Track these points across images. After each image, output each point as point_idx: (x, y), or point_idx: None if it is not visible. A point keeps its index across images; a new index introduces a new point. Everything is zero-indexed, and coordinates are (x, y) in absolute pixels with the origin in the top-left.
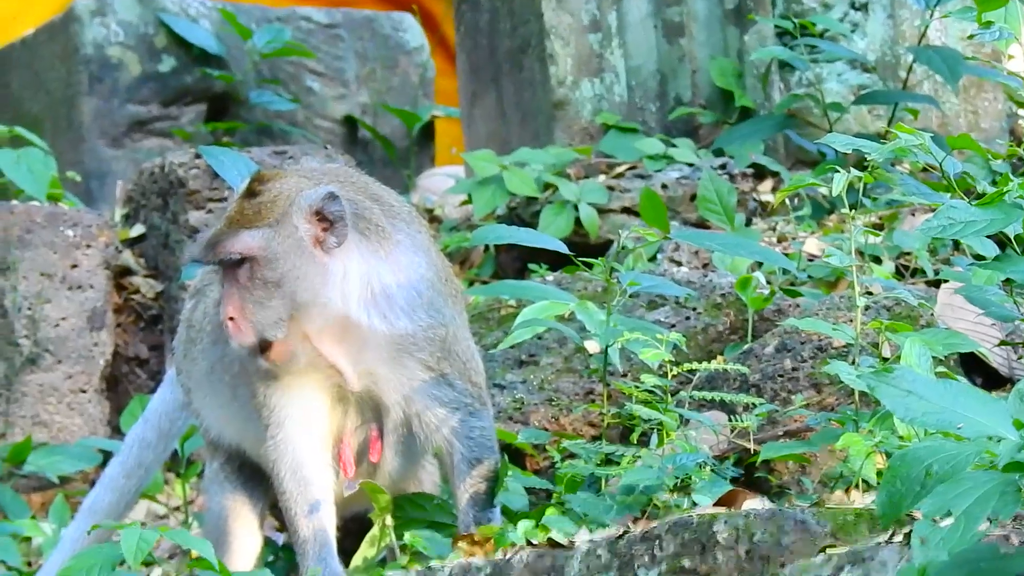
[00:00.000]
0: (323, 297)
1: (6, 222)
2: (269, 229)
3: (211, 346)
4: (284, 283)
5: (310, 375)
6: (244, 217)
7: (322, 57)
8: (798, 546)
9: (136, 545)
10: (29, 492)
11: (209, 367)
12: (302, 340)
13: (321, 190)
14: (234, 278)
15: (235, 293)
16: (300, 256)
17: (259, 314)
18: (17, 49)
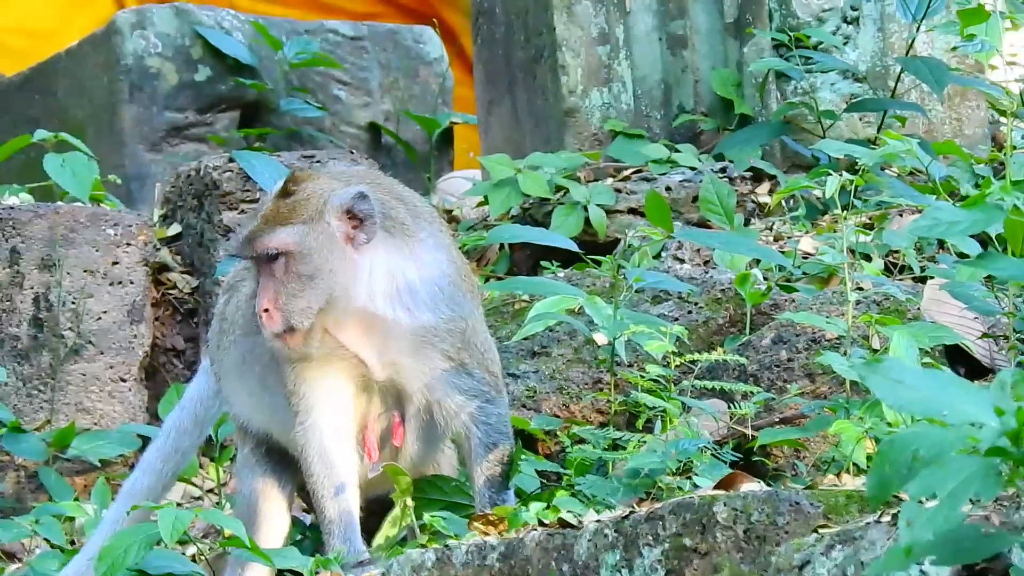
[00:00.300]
0: (352, 291)
1: (51, 222)
2: (304, 226)
3: (242, 337)
4: (317, 276)
5: (337, 365)
6: (280, 215)
7: (348, 67)
8: (793, 526)
9: (172, 525)
10: (72, 475)
11: (240, 358)
12: (321, 333)
13: (352, 190)
14: (270, 272)
15: (270, 286)
16: (332, 252)
17: (291, 304)
18: (62, 59)
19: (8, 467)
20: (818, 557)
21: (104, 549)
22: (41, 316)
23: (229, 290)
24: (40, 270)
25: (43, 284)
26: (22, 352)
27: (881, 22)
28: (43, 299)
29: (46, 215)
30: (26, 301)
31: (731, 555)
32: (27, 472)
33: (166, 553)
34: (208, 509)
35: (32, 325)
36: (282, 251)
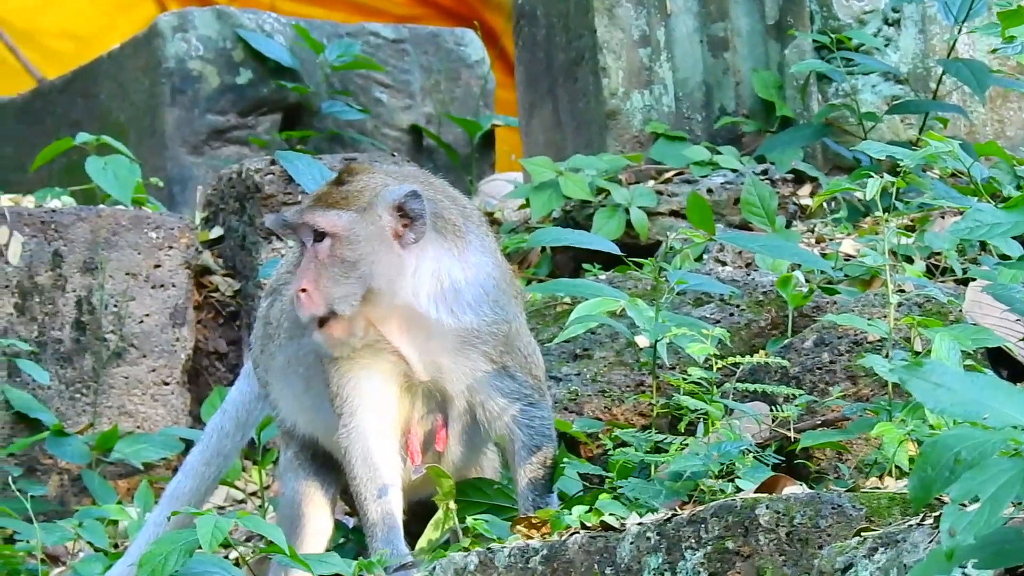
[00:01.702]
0: (395, 286)
1: (94, 225)
2: (355, 214)
3: (288, 341)
4: (360, 265)
5: (380, 366)
6: (332, 199)
7: (390, 70)
8: (835, 529)
9: (211, 532)
10: (116, 478)
11: (285, 361)
12: (365, 324)
13: (405, 188)
14: (313, 254)
15: (311, 267)
16: (379, 244)
17: (332, 288)
18: (104, 62)
19: (51, 470)
20: (860, 560)
21: (144, 556)
22: (84, 319)
23: (272, 293)
24: (82, 273)
25: (85, 287)
26: (65, 355)
27: (922, 24)
28: (86, 302)
29: (88, 218)
30: (69, 304)
31: (773, 558)
32: (70, 475)
33: (208, 558)
34: (248, 515)
35: (75, 328)
36: (329, 232)
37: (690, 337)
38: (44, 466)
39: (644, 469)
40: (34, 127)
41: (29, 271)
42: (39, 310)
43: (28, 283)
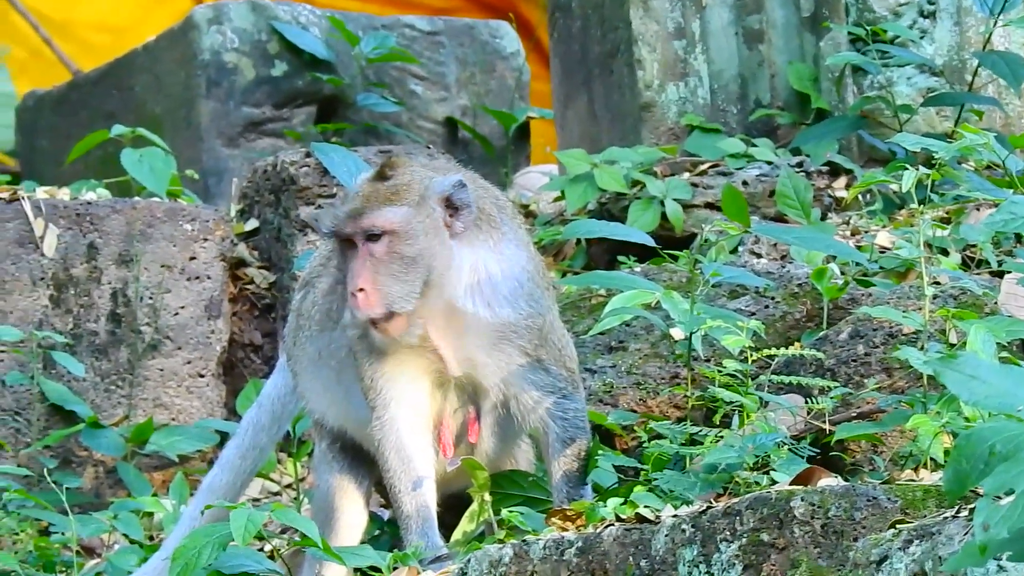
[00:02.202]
0: (444, 280)
1: (129, 217)
2: (411, 208)
3: (318, 333)
4: (420, 260)
5: (414, 360)
6: (382, 196)
7: (425, 62)
8: (870, 521)
9: (244, 525)
10: (151, 470)
11: (316, 353)
12: (418, 319)
13: (452, 178)
14: (368, 252)
15: (368, 266)
16: (435, 237)
17: (392, 287)
18: (140, 55)
19: (87, 462)
20: (895, 552)
21: (178, 549)
22: (119, 311)
23: (305, 286)
24: (118, 265)
25: (121, 279)
26: (100, 348)
27: (958, 16)
28: (121, 294)
29: (123, 210)
30: (104, 296)
31: (808, 550)
32: (105, 467)
33: (242, 551)
34: (282, 508)
35: (110, 320)
36: (387, 230)
37: (725, 329)
38: (79, 458)
39: (679, 461)
40: (70, 119)
41: (64, 263)
42: (74, 302)
43: (63, 275)
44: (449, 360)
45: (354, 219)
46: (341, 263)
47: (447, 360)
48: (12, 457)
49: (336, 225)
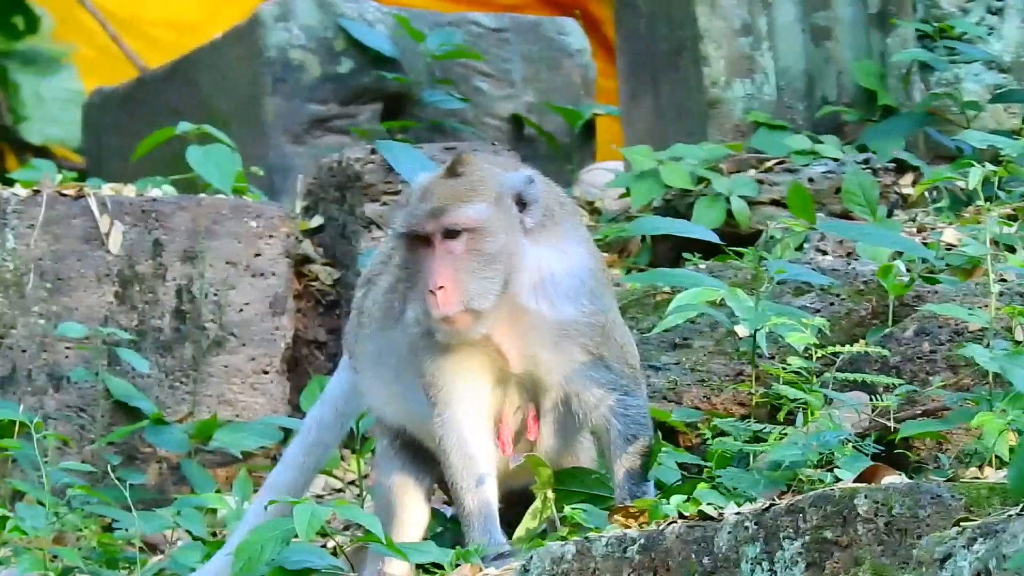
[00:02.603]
0: (516, 276)
1: (194, 214)
2: (489, 204)
3: (378, 331)
4: (499, 257)
5: (476, 357)
6: (461, 193)
7: (490, 59)
8: (934, 519)
9: (308, 521)
10: (214, 467)
11: (376, 351)
12: (489, 316)
13: (523, 174)
14: (446, 250)
15: (448, 264)
16: (512, 233)
17: (472, 284)
18: (206, 52)
19: (151, 459)
20: (959, 550)
21: (241, 545)
22: (184, 308)
23: (367, 283)
24: (183, 262)
25: (186, 276)
26: (165, 344)
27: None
28: (186, 291)
29: (189, 207)
30: (169, 293)
31: (872, 548)
32: (169, 464)
33: (305, 547)
34: (345, 504)
35: (175, 317)
36: (469, 227)
37: (790, 326)
38: (143, 455)
39: (743, 459)
40: (136, 117)
41: (130, 260)
42: (139, 299)
43: (128, 272)
44: (511, 357)
45: (435, 217)
46: (410, 261)
47: (509, 357)
48: (76, 454)
49: (415, 223)
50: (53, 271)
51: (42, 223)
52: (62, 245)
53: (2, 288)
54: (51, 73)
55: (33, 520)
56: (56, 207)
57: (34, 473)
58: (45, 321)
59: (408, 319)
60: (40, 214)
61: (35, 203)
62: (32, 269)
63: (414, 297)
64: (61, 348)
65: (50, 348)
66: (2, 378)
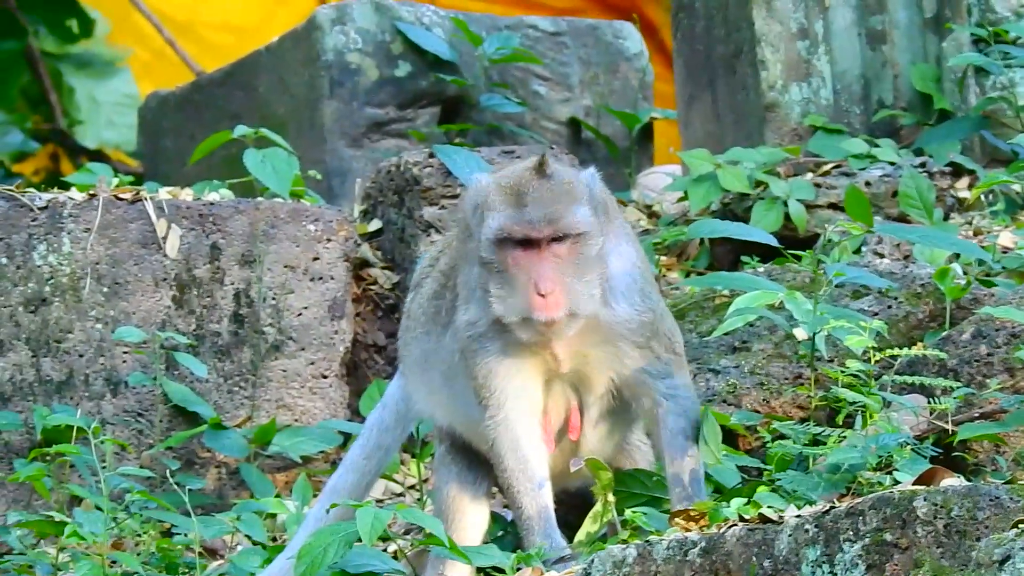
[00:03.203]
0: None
1: (252, 218)
2: (589, 208)
3: (423, 335)
4: (598, 260)
5: (529, 359)
6: (561, 196)
7: (548, 63)
8: (992, 521)
9: (371, 524)
10: (273, 472)
11: (422, 355)
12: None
13: (591, 172)
14: (553, 254)
15: (555, 268)
16: (603, 235)
17: (577, 288)
18: (263, 55)
19: (209, 464)
20: (1018, 552)
21: (304, 548)
22: (242, 312)
23: (415, 288)
24: (241, 266)
25: (244, 280)
26: (223, 348)
27: None
28: (244, 295)
29: (246, 211)
30: (227, 297)
31: (931, 550)
32: (228, 469)
33: (366, 551)
34: (407, 507)
35: (233, 321)
36: (579, 232)
37: (848, 329)
38: (202, 459)
39: (802, 462)
40: (192, 120)
41: (187, 264)
42: (197, 303)
43: (186, 276)
44: (562, 357)
45: (551, 223)
46: (502, 264)
47: (560, 357)
48: (135, 459)
49: (529, 229)
50: (110, 275)
51: (98, 227)
52: (119, 249)
53: (59, 293)
54: (106, 77)
55: (91, 525)
56: (112, 211)
57: (92, 478)
58: (102, 326)
59: (460, 322)
60: (96, 218)
61: (91, 207)
62: (89, 273)
63: (475, 299)
64: (118, 353)
65: (107, 353)
66: (59, 383)
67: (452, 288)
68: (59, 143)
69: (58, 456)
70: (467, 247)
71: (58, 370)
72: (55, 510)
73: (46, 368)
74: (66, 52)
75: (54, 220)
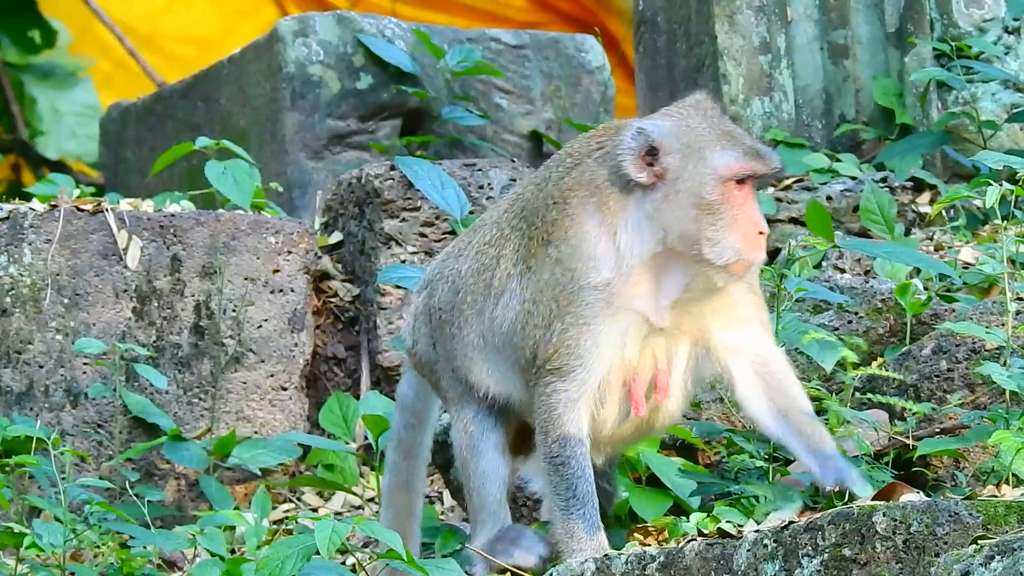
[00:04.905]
0: None
1: (213, 230)
2: None
3: (476, 316)
4: None
5: (633, 319)
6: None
7: (510, 76)
8: (952, 537)
9: (329, 537)
10: (233, 484)
11: (479, 335)
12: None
13: None
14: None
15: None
16: None
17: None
18: (225, 67)
19: (169, 475)
20: (977, 568)
21: (262, 560)
22: (202, 324)
23: (427, 286)
24: (201, 278)
25: (204, 292)
26: (183, 360)
27: None
28: (204, 307)
29: (207, 223)
30: (187, 309)
31: (890, 565)
32: (188, 480)
33: (325, 564)
34: (366, 520)
35: (193, 333)
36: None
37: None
38: (161, 471)
39: (762, 475)
40: (154, 132)
41: (148, 275)
42: (157, 315)
43: (147, 287)
44: (664, 312)
45: (776, 159)
46: (721, 204)
47: (663, 312)
48: (94, 470)
49: (766, 164)
50: (71, 286)
51: (59, 238)
52: (80, 260)
53: (19, 303)
54: (68, 87)
55: (50, 537)
56: (73, 222)
57: (51, 490)
58: (63, 337)
59: (602, 279)
60: (57, 229)
61: (52, 218)
62: (49, 284)
63: (606, 260)
64: (79, 364)
65: (67, 364)
66: (19, 394)
67: (518, 258)
68: (20, 154)
69: (17, 467)
70: (608, 198)
71: (18, 381)
72: (14, 521)
73: (6, 379)
74: (28, 63)
75: (15, 231)
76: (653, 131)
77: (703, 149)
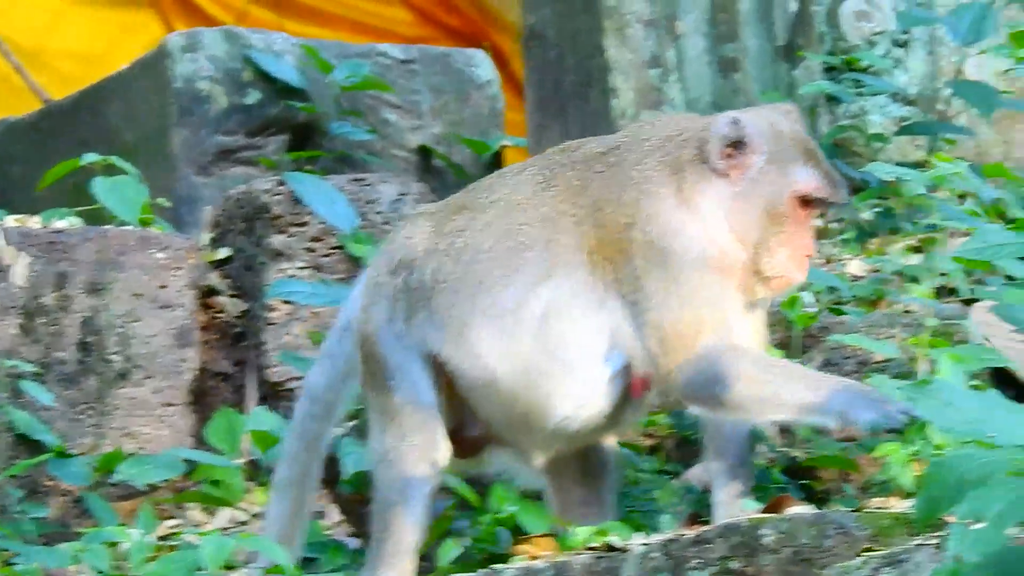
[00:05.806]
0: None
1: (100, 245)
2: None
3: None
4: None
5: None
6: None
7: (399, 90)
8: (839, 548)
9: (215, 552)
10: (118, 500)
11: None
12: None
13: None
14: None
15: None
16: None
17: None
18: (113, 82)
19: (53, 492)
20: None
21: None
22: (88, 340)
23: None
24: (88, 294)
25: (91, 308)
26: (69, 376)
27: (931, 45)
28: (91, 323)
29: (94, 238)
30: (73, 325)
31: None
32: (72, 497)
33: None
34: (252, 535)
35: (79, 349)
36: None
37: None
38: (46, 488)
39: (650, 488)
40: (42, 148)
41: (34, 292)
42: (44, 331)
43: (33, 304)
44: None
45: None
46: (785, 219)
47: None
48: None
49: (836, 194)
50: None
51: None
52: None
53: None
54: None
55: None
56: None
57: None
58: None
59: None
60: None
61: None
62: None
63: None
64: None
65: None
66: None
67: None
68: None
69: None
70: (685, 181)
71: None
72: None
73: None
74: None
75: None
76: (748, 126)
77: (788, 160)
